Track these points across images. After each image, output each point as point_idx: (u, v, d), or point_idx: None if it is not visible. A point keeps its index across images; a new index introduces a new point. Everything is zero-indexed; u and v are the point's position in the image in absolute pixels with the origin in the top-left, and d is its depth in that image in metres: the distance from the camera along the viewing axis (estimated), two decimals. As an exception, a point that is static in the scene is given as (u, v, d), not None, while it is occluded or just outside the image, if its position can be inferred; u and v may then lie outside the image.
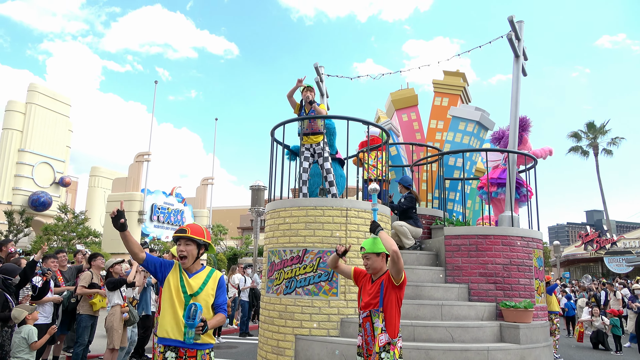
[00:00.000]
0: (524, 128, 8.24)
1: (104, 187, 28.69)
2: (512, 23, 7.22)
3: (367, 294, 3.50)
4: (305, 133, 6.58)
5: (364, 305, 3.47)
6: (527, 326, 5.62)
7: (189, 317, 2.86)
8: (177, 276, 3.11)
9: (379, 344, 3.29)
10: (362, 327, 3.45)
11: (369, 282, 3.56)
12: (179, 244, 3.12)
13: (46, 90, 26.24)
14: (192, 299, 3.01)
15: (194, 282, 3.10)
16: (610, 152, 35.16)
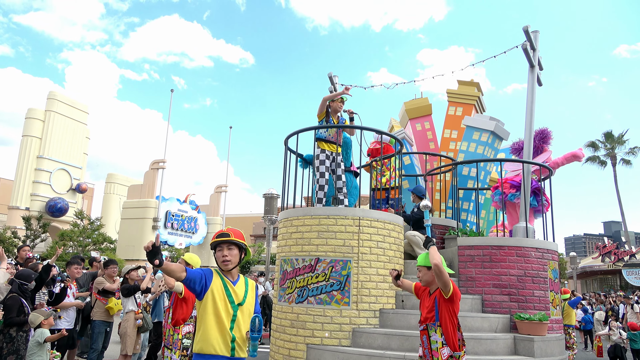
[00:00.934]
0: (545, 140, 8.20)
1: (119, 194, 29.05)
2: (527, 33, 7.19)
3: (424, 308, 3.64)
4: (328, 140, 6.56)
5: (422, 320, 3.59)
6: (542, 339, 5.53)
7: (254, 330, 2.67)
8: (221, 285, 2.84)
9: (442, 357, 3.38)
10: (420, 339, 3.59)
11: (426, 296, 3.70)
12: (221, 249, 2.90)
13: (65, 98, 26.76)
14: (239, 309, 2.81)
15: (238, 291, 2.88)
16: (628, 162, 34.61)
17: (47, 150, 25.26)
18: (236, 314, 2.79)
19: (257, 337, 2.67)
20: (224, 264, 2.88)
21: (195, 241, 23.17)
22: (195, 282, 2.79)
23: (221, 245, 2.90)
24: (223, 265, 2.89)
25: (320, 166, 6.48)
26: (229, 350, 2.73)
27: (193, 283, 2.79)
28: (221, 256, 2.88)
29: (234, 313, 2.78)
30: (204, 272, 2.85)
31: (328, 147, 6.56)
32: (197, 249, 24.09)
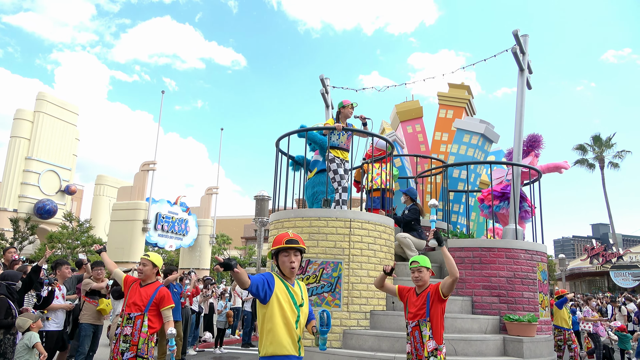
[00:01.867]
0: (535, 145, 8.29)
1: (109, 196, 28.82)
2: (517, 37, 7.27)
3: (413, 306, 3.87)
4: (340, 147, 6.72)
5: (412, 316, 3.82)
6: (531, 340, 5.58)
7: (323, 325, 2.83)
8: (284, 288, 2.90)
9: (427, 349, 3.68)
10: (412, 336, 3.79)
11: (413, 295, 3.93)
12: (288, 255, 2.93)
13: (54, 99, 26.51)
14: (300, 309, 2.91)
15: (298, 292, 2.96)
16: (616, 165, 35.02)
17: (35, 151, 25.00)
18: (299, 315, 2.90)
19: (326, 331, 2.84)
20: (291, 270, 2.92)
21: (185, 243, 23.04)
22: (259, 287, 2.84)
23: (288, 251, 2.93)
24: (290, 271, 2.93)
25: (339, 169, 6.61)
26: (297, 349, 2.85)
27: (256, 289, 2.84)
28: (289, 262, 2.92)
29: (297, 314, 2.89)
30: (266, 277, 2.90)
31: (339, 154, 6.72)
32: (187, 251, 23.96)
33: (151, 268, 4.43)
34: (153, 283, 4.44)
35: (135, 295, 4.36)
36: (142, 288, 4.38)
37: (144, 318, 4.26)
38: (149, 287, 4.39)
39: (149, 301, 4.29)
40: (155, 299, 4.33)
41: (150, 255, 4.56)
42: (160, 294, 4.38)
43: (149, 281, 4.43)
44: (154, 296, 4.31)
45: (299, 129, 6.63)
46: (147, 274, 4.41)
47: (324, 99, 9.74)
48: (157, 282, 4.47)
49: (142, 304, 4.29)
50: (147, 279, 4.43)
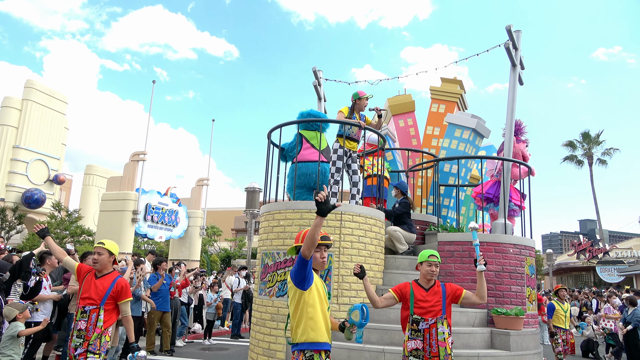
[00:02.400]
0: (517, 132, 8.29)
1: (98, 186, 28.55)
2: (510, 32, 7.28)
3: (424, 301, 3.82)
4: (350, 137, 6.78)
5: (425, 312, 3.78)
6: (518, 333, 5.64)
7: (363, 318, 2.98)
8: (319, 279, 3.15)
9: (449, 346, 3.73)
10: (427, 333, 3.74)
11: (421, 290, 3.88)
12: (318, 250, 3.12)
13: (43, 87, 26.15)
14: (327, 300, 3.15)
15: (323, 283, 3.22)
16: (604, 162, 35.41)
17: (23, 140, 24.68)
18: (329, 306, 3.14)
19: (364, 324, 3.00)
20: (322, 264, 3.18)
21: (175, 234, 22.93)
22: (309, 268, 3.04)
23: (319, 247, 3.13)
24: (321, 265, 3.18)
25: (338, 161, 6.72)
26: (330, 338, 3.06)
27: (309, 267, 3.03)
28: (320, 257, 3.15)
29: (328, 304, 3.13)
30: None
31: (348, 145, 6.81)
32: (177, 242, 23.87)
33: (107, 257, 4.09)
34: (110, 274, 4.10)
35: (91, 287, 4.01)
36: (98, 280, 4.04)
37: (99, 312, 3.95)
38: (106, 279, 4.06)
39: (105, 294, 3.97)
40: (113, 291, 3.99)
41: (105, 242, 4.17)
42: (118, 285, 4.04)
43: (105, 272, 4.09)
44: (111, 288, 4.00)
45: (291, 121, 6.59)
46: (103, 263, 4.06)
47: (317, 92, 9.70)
48: (115, 272, 4.13)
49: (98, 297, 3.96)
50: (104, 269, 4.08)
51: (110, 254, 4.12)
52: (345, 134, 6.80)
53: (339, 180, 6.76)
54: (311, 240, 2.88)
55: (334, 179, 6.77)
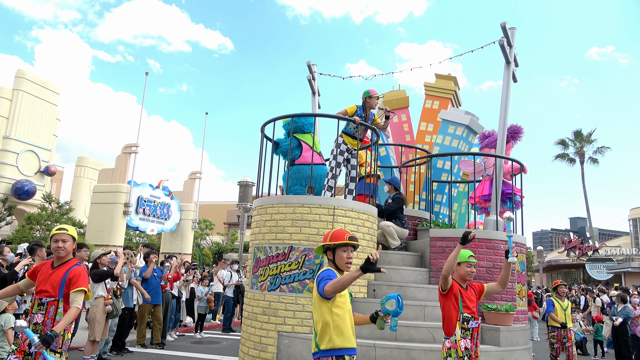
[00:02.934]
0: (516, 137, 8.32)
1: (90, 178, 28.34)
2: (505, 29, 7.28)
3: (470, 301, 4.01)
4: (353, 135, 6.80)
5: (472, 312, 3.97)
6: (508, 329, 5.69)
7: (399, 307, 3.00)
8: None
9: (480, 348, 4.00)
10: (476, 332, 3.95)
11: (464, 290, 4.06)
12: (345, 250, 3.06)
13: (34, 77, 25.85)
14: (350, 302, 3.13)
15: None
16: (596, 160, 35.68)
17: (14, 130, 24.41)
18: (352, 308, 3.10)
19: (400, 313, 3.01)
20: (347, 265, 3.07)
21: (167, 227, 22.84)
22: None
23: (347, 247, 3.06)
24: (346, 266, 3.07)
25: (339, 156, 6.76)
26: (355, 342, 3.01)
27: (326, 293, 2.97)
28: (347, 257, 3.05)
29: (351, 307, 3.09)
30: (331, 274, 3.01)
31: (350, 142, 6.85)
32: (169, 235, 23.78)
33: (72, 244, 3.75)
34: (67, 262, 3.72)
35: (47, 278, 3.63)
36: (55, 270, 3.66)
37: (58, 304, 3.56)
38: (62, 268, 3.67)
39: (61, 285, 3.58)
40: (67, 280, 3.59)
41: (68, 228, 3.79)
42: (71, 274, 3.61)
43: (65, 260, 3.72)
44: (65, 277, 3.60)
45: (285, 115, 6.57)
46: (69, 250, 3.72)
47: (311, 86, 9.67)
48: (74, 260, 3.75)
49: (53, 289, 3.57)
50: (68, 256, 3.74)
51: (74, 240, 3.80)
52: (350, 132, 6.85)
53: (337, 175, 6.79)
54: (341, 287, 2.87)
55: (332, 172, 6.78)
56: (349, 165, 6.97)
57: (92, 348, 6.82)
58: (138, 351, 8.36)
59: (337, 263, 3.08)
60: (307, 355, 5.25)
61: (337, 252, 3.08)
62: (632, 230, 34.26)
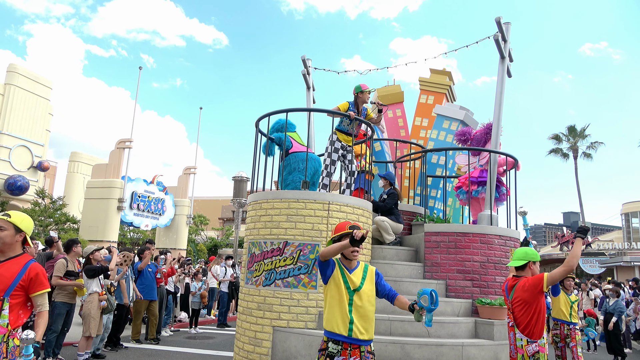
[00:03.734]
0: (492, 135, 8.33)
1: (83, 173, 28.19)
2: (499, 24, 7.28)
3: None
4: (347, 132, 6.82)
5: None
6: (501, 323, 5.72)
7: (432, 303, 3.02)
8: (339, 274, 3.20)
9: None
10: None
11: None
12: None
13: (26, 71, 25.63)
14: (355, 294, 3.15)
15: (355, 278, 3.21)
16: (589, 155, 35.84)
17: (6, 125, 24.21)
18: (352, 299, 3.13)
19: (432, 309, 3.03)
20: (353, 253, 3.20)
21: (162, 223, 22.78)
22: (329, 267, 3.21)
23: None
24: (353, 256, 3.22)
25: (334, 154, 6.78)
26: (347, 330, 3.09)
27: (328, 267, 3.20)
28: (352, 251, 3.18)
29: (350, 298, 3.13)
30: (333, 261, 3.23)
31: (344, 139, 6.86)
32: (164, 230, 23.73)
33: (12, 234, 3.02)
34: (18, 257, 3.04)
35: None
36: (1, 265, 2.99)
37: (2, 306, 2.89)
38: (12, 264, 2.99)
39: (11, 283, 2.93)
40: (23, 280, 2.96)
41: (12, 214, 3.07)
42: (31, 272, 3.00)
43: (12, 254, 3.04)
44: (20, 276, 2.96)
45: (280, 110, 6.54)
46: (7, 242, 3.00)
47: (305, 80, 9.64)
48: (25, 255, 3.09)
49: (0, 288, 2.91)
50: (8, 250, 3.03)
51: (18, 231, 3.07)
52: (344, 129, 6.84)
53: (331, 173, 6.80)
54: (332, 253, 3.11)
55: (327, 170, 6.80)
56: (345, 161, 6.98)
57: (87, 344, 6.80)
58: (133, 347, 8.35)
59: (344, 252, 3.20)
60: (302, 349, 5.27)
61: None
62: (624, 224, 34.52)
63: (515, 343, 3.79)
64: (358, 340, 3.10)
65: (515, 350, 3.78)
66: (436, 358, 5.14)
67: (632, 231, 33.44)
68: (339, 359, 3.08)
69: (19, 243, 3.09)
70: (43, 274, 3.08)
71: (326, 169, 6.83)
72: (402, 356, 5.09)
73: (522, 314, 3.99)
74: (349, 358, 3.08)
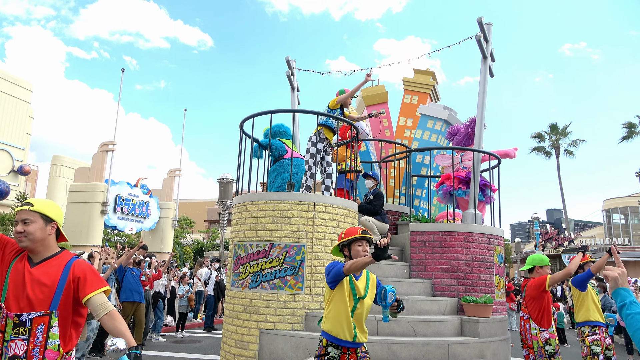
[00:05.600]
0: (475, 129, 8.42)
1: (66, 177, 27.78)
2: (481, 24, 7.36)
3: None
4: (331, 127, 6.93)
5: None
6: (487, 320, 5.78)
7: (381, 300, 3.04)
8: (348, 281, 3.20)
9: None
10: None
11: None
12: (360, 244, 3.21)
13: (5, 74, 25.18)
14: (360, 302, 3.16)
15: (360, 285, 3.23)
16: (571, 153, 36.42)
17: (-15, 129, 23.75)
18: (356, 306, 3.15)
19: (386, 305, 3.03)
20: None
21: (146, 226, 22.54)
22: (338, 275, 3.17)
23: (361, 241, 3.23)
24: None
25: (317, 155, 6.82)
26: (352, 337, 3.12)
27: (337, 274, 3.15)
28: (362, 250, 3.21)
29: (354, 305, 3.16)
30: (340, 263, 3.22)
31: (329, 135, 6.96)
32: (148, 234, 23.48)
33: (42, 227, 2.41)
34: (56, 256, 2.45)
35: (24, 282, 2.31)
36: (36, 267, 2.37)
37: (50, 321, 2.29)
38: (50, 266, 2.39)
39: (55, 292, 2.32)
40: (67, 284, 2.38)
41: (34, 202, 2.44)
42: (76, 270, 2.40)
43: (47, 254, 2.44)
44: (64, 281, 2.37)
45: (264, 111, 6.51)
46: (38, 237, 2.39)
47: (290, 82, 9.62)
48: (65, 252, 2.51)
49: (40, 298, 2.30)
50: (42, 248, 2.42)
51: (48, 221, 2.42)
52: (332, 125, 6.97)
53: (314, 174, 6.83)
54: (355, 268, 3.04)
55: (310, 172, 6.82)
56: (324, 162, 7.03)
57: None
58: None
59: (354, 257, 3.23)
60: (290, 351, 5.26)
61: (353, 247, 3.25)
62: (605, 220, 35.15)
63: (530, 332, 4.50)
64: (359, 344, 3.18)
65: (530, 338, 4.54)
66: (423, 357, 5.17)
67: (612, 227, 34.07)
68: None
69: (52, 237, 2.44)
70: (92, 271, 2.42)
71: (309, 170, 6.84)
72: (389, 356, 5.11)
73: (532, 308, 5.00)
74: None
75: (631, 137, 32.95)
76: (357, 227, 3.32)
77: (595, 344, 4.97)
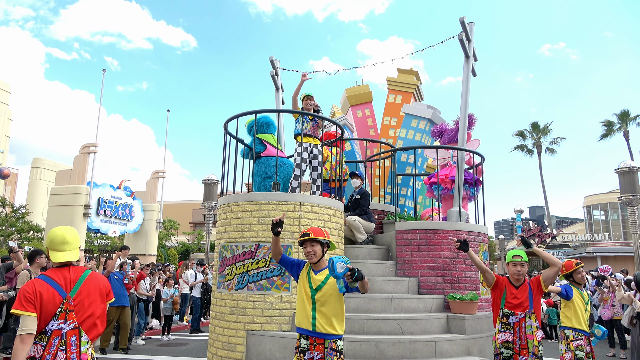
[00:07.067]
0: (470, 125, 8.49)
1: (46, 180, 27.29)
2: (464, 24, 7.42)
3: (514, 298, 4.18)
4: (305, 134, 6.94)
5: (513, 307, 4.15)
6: (472, 317, 5.83)
7: (331, 271, 3.13)
8: (306, 274, 3.47)
9: (537, 339, 4.06)
10: (517, 326, 4.11)
11: (512, 287, 4.24)
12: (306, 246, 3.45)
13: (-18, 75, 24.65)
14: (318, 293, 3.33)
15: (317, 278, 3.41)
16: (552, 150, 36.97)
17: (-38, 132, 23.22)
18: (314, 297, 3.33)
19: (338, 276, 3.12)
20: (308, 257, 3.45)
21: (130, 229, 22.24)
22: (287, 265, 3.59)
23: (306, 243, 3.47)
24: (308, 258, 3.46)
25: (297, 157, 6.84)
26: (310, 325, 3.31)
27: (285, 264, 3.60)
28: (305, 251, 3.46)
29: (312, 297, 3.34)
30: (296, 263, 3.58)
31: (306, 140, 6.93)
32: (132, 237, 23.18)
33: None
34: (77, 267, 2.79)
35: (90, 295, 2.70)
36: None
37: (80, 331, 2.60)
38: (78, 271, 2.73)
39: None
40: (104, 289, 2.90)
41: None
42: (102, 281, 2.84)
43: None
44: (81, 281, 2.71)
45: (248, 111, 6.49)
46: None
47: (274, 82, 9.60)
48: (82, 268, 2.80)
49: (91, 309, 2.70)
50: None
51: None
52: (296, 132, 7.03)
53: (298, 176, 6.81)
54: (273, 249, 3.55)
55: (294, 174, 6.84)
56: (310, 167, 7.06)
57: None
58: (99, 357, 8.12)
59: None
60: (277, 352, 5.23)
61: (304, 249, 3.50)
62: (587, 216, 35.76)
63: (525, 331, 4.09)
64: (322, 334, 3.27)
65: (525, 338, 4.07)
66: (410, 354, 5.19)
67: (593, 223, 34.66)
68: (308, 353, 3.27)
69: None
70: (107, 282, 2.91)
71: (293, 173, 6.83)
72: (377, 354, 5.12)
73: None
74: (314, 352, 3.26)
75: (610, 134, 33.58)
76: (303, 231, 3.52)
77: (579, 349, 4.82)
